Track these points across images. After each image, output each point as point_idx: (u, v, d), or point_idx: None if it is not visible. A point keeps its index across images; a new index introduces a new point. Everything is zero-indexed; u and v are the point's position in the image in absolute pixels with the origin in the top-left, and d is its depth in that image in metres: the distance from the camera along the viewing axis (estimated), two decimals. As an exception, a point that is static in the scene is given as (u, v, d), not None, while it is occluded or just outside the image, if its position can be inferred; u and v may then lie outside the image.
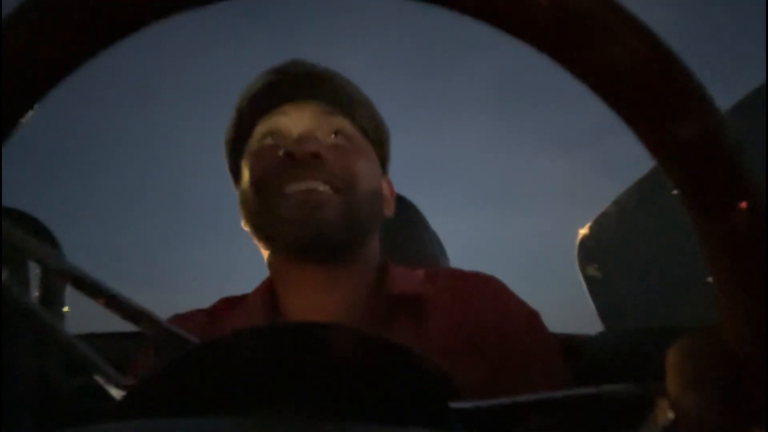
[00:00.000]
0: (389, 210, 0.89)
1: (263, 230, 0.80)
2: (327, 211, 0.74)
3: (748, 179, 0.28)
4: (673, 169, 0.29)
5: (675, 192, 0.30)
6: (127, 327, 0.52)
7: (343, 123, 0.83)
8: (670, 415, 0.33)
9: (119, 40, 0.29)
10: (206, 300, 0.89)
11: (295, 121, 0.81)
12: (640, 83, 0.28)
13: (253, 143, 0.83)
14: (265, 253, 0.84)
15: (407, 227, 1.00)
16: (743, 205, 0.28)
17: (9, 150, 0.31)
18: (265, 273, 0.86)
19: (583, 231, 1.26)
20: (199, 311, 0.86)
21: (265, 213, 0.78)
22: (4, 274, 0.55)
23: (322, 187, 0.75)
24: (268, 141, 0.81)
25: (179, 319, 0.85)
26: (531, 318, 0.82)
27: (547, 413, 0.39)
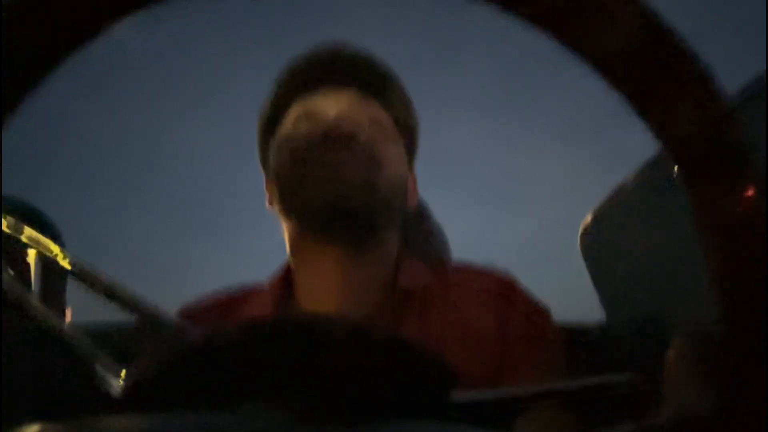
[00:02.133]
0: (413, 202, 0.89)
1: (291, 200, 0.80)
2: (356, 183, 0.75)
3: (753, 166, 0.28)
4: (677, 152, 0.29)
5: (675, 175, 0.29)
6: (130, 319, 0.52)
7: (378, 112, 0.83)
8: (670, 406, 0.33)
9: (116, 21, 0.29)
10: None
11: (332, 103, 0.82)
12: (647, 67, 0.28)
13: (288, 121, 0.84)
14: (287, 236, 0.84)
15: (411, 219, 1.00)
16: (747, 192, 0.28)
17: (13, 142, 0.31)
18: (265, 268, 0.87)
19: (586, 220, 1.26)
20: (215, 298, 0.87)
21: (294, 182, 0.78)
22: (5, 267, 0.55)
23: (355, 164, 0.76)
24: (304, 121, 0.82)
25: (191, 308, 0.85)
26: (541, 315, 0.82)
27: (548, 404, 0.39)
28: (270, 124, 0.87)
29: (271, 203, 0.86)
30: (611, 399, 0.39)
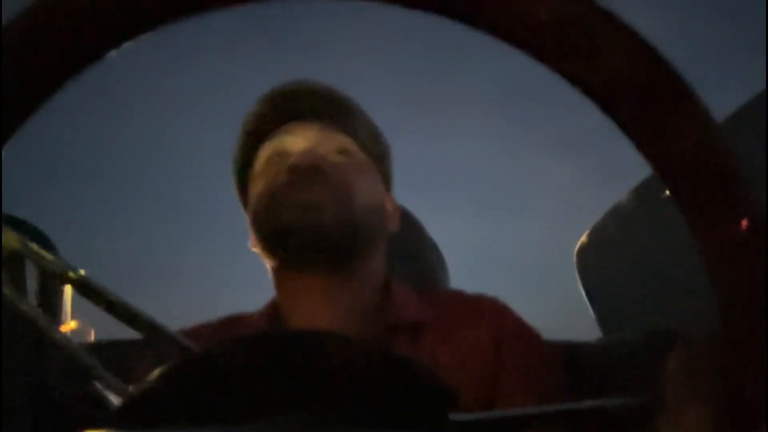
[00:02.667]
0: (393, 225, 0.91)
1: (269, 242, 0.82)
2: (328, 217, 0.77)
3: (746, 190, 0.28)
4: (671, 180, 0.29)
5: (667, 193, 0.30)
6: (128, 334, 0.52)
7: (345, 141, 0.85)
8: (670, 428, 0.33)
9: (116, 47, 0.29)
10: (203, 306, 0.90)
11: (298, 139, 0.84)
12: (637, 95, 0.28)
13: (259, 164, 0.86)
14: (271, 271, 0.86)
15: (404, 237, 1.00)
16: (742, 216, 0.28)
17: (8, 157, 0.31)
18: (261, 284, 0.88)
19: (582, 238, 1.26)
20: (207, 325, 0.88)
21: (270, 224, 0.80)
22: (3, 279, 0.55)
23: (324, 197, 0.78)
24: (273, 160, 0.84)
25: (185, 333, 0.86)
26: (534, 341, 0.82)
27: (547, 426, 0.39)
28: (243, 169, 0.90)
29: (254, 245, 0.88)
30: (610, 423, 0.39)
